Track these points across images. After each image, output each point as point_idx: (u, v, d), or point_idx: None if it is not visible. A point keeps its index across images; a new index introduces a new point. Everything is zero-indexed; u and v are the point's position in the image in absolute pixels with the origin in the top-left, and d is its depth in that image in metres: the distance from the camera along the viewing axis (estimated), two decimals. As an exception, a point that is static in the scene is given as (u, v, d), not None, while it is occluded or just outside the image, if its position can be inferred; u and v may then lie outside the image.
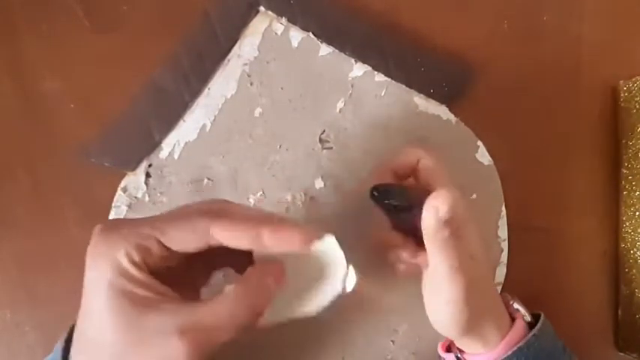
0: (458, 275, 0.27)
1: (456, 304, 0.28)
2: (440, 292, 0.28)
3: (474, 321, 0.28)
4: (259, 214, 0.25)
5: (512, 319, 0.31)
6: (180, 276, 0.25)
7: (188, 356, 0.22)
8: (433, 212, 0.26)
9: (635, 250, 0.38)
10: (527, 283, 0.38)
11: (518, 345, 0.29)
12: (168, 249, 0.23)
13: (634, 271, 0.38)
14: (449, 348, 0.33)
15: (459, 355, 0.32)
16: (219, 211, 0.24)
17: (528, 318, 0.31)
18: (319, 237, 0.25)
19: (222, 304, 0.23)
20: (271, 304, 0.25)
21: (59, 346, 0.25)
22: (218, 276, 0.30)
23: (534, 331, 0.30)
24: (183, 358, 0.22)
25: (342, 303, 0.36)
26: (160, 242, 0.23)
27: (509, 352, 0.29)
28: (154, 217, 0.24)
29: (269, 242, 0.23)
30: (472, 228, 0.28)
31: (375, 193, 0.28)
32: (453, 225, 0.26)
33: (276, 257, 0.25)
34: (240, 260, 0.27)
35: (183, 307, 0.23)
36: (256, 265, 0.26)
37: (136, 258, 0.23)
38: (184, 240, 0.23)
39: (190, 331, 0.22)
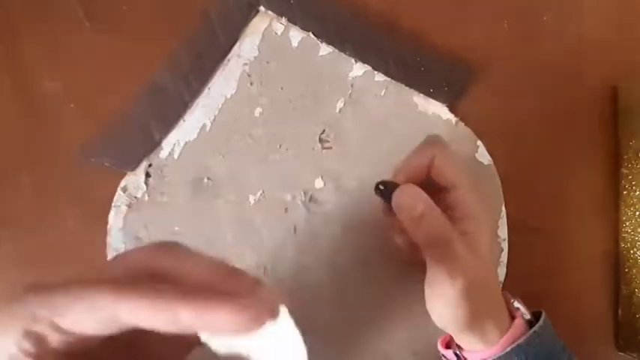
0: (456, 277, 0.26)
1: (455, 305, 0.27)
2: (439, 293, 0.28)
3: (474, 319, 0.28)
4: (201, 274, 0.19)
5: (513, 318, 0.31)
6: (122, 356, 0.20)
7: None
8: (404, 209, 0.27)
9: (635, 250, 0.38)
10: (527, 283, 0.38)
11: (518, 342, 0.29)
12: (67, 332, 0.18)
13: (634, 271, 0.38)
14: (448, 344, 0.33)
15: (458, 352, 0.32)
16: (134, 281, 0.18)
17: (528, 316, 0.31)
18: (270, 315, 0.18)
19: None
20: None
21: None
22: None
23: (535, 328, 0.30)
24: None
25: (343, 300, 0.36)
26: (56, 325, 0.18)
27: (509, 349, 0.29)
28: (65, 285, 0.18)
29: (190, 323, 0.17)
30: (477, 223, 0.28)
31: (381, 187, 0.28)
32: (436, 227, 0.26)
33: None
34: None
35: None
36: None
37: (30, 348, 0.18)
38: (83, 322, 0.18)
39: None
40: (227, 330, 0.18)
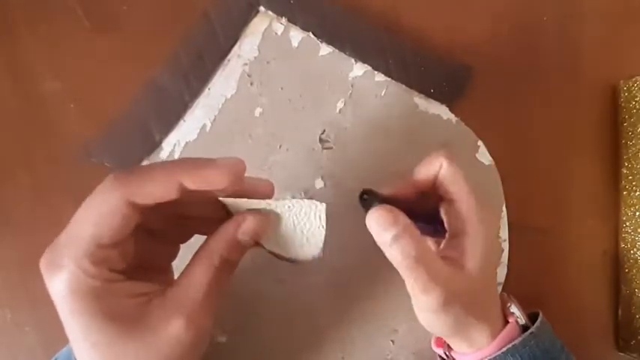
0: (429, 292, 0.26)
1: (432, 316, 0.28)
2: (416, 304, 0.28)
3: (457, 327, 0.28)
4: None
5: (508, 322, 0.30)
6: (149, 259, 0.25)
7: (194, 334, 0.23)
8: (375, 232, 0.27)
9: (635, 250, 0.38)
10: (527, 283, 0.38)
11: (514, 343, 0.29)
12: (115, 245, 0.22)
13: (634, 271, 0.38)
14: (441, 343, 0.33)
15: (447, 353, 0.32)
16: (127, 177, 0.23)
17: (522, 321, 0.30)
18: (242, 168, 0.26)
19: (198, 272, 0.24)
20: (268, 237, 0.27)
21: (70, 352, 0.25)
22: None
23: (532, 329, 0.30)
24: (189, 338, 0.23)
25: (343, 301, 0.36)
26: (104, 245, 0.22)
27: (504, 349, 0.29)
28: (77, 227, 0.23)
29: (192, 184, 0.23)
30: (470, 239, 0.28)
31: (365, 197, 0.27)
32: (411, 244, 0.26)
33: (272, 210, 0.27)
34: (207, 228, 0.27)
35: (169, 295, 0.23)
36: (228, 223, 0.25)
37: (105, 273, 0.22)
38: (118, 227, 0.22)
39: (186, 311, 0.23)
40: (214, 183, 0.23)
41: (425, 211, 0.29)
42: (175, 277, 0.27)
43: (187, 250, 0.28)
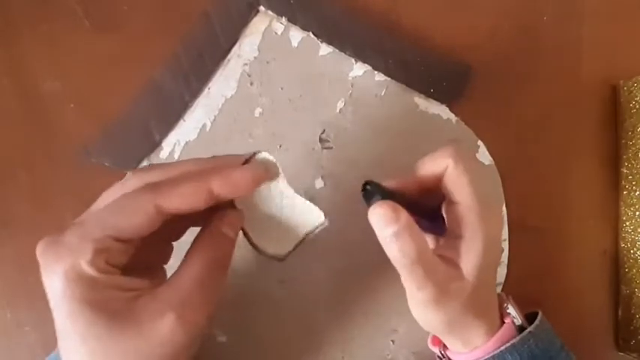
0: (423, 289, 0.26)
1: (426, 310, 0.28)
2: (410, 301, 0.28)
3: (451, 326, 0.28)
4: (199, 166, 0.25)
5: (504, 322, 0.30)
6: (141, 262, 0.25)
7: (185, 331, 0.23)
8: (376, 228, 0.26)
9: (635, 250, 0.38)
10: (527, 283, 0.38)
11: (512, 342, 0.29)
12: (124, 241, 0.23)
13: (634, 271, 0.38)
14: (438, 341, 0.33)
15: (443, 352, 0.32)
16: (159, 183, 0.23)
17: (519, 321, 0.30)
18: (272, 174, 0.27)
19: (190, 269, 0.24)
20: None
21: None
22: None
23: (531, 328, 0.30)
24: (180, 335, 0.22)
25: (343, 301, 0.36)
26: (115, 238, 0.22)
27: (502, 348, 0.29)
28: (95, 215, 0.23)
29: (222, 192, 0.24)
30: (469, 243, 0.27)
31: (368, 188, 0.27)
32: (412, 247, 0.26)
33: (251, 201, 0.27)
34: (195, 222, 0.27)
35: (160, 290, 0.23)
36: (212, 220, 0.26)
37: (101, 264, 0.22)
38: (138, 226, 0.23)
39: (178, 307, 0.22)
40: (246, 190, 0.25)
41: (428, 205, 0.29)
42: None
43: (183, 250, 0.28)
